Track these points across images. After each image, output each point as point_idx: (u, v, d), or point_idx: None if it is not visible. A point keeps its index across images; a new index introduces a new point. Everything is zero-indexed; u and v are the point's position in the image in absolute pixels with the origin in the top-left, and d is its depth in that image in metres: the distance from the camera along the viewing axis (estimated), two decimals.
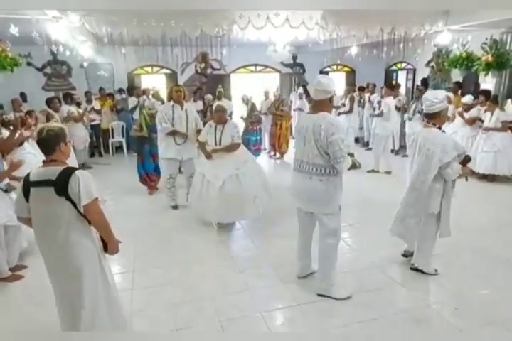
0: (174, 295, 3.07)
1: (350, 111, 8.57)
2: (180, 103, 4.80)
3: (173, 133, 4.74)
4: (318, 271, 3.12)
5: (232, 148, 4.25)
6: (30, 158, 4.45)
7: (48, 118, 6.13)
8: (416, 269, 3.34)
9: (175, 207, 5.07)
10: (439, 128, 3.12)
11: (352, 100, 8.50)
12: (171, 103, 4.77)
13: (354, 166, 2.92)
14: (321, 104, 2.84)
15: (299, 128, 2.95)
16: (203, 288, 3.17)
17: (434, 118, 3.11)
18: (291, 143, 7.42)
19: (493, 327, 2.64)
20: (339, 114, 8.53)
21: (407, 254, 3.56)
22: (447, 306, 2.88)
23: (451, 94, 7.14)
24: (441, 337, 2.54)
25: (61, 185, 2.10)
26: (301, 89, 9.31)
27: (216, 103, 4.64)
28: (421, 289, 3.17)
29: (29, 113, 5.43)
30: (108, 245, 2.30)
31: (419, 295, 3.08)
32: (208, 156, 4.30)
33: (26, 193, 2.17)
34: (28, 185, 2.17)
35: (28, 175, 2.21)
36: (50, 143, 2.21)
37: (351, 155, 2.91)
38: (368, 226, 4.39)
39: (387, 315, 2.79)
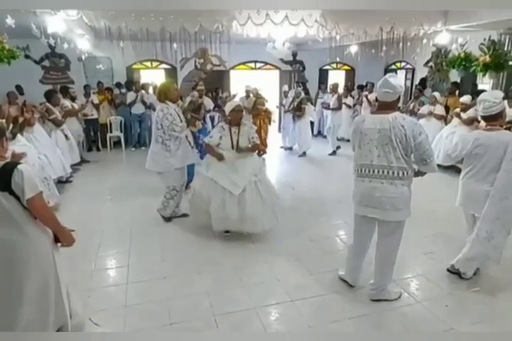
0: (168, 289, 3.09)
1: (339, 108, 8.42)
2: (178, 103, 4.39)
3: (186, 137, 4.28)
4: (374, 277, 2.96)
5: (255, 149, 4.00)
6: (25, 150, 4.46)
7: (48, 113, 6.08)
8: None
9: (169, 219, 4.50)
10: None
11: (339, 98, 8.41)
12: (171, 105, 4.15)
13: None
14: (391, 105, 2.69)
15: (365, 131, 2.70)
16: (197, 283, 3.19)
17: (497, 119, 2.98)
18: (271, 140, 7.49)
19: (484, 324, 2.67)
20: (325, 108, 8.53)
21: (453, 271, 3.28)
22: (438, 303, 2.91)
23: (437, 94, 7.19)
24: (432, 334, 2.58)
25: (3, 180, 2.03)
26: (286, 87, 9.16)
27: (233, 101, 4.10)
28: (413, 286, 3.20)
29: (24, 105, 5.38)
30: (60, 237, 2.26)
31: (411, 292, 3.11)
32: (221, 158, 3.86)
33: None
34: None
35: None
36: None
37: (338, 147, 2.93)
38: None
39: (379, 311, 2.82)
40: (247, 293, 3.05)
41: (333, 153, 8.25)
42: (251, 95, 8.29)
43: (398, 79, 2.69)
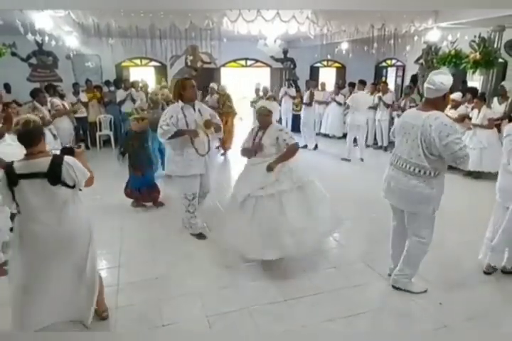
0: (160, 290, 3.04)
1: (310, 104, 8.49)
2: (193, 102, 3.74)
3: (179, 135, 3.65)
4: (400, 264, 3.00)
5: (291, 152, 3.37)
6: (11, 149, 4.36)
7: (34, 112, 5.96)
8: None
9: (202, 236, 4.00)
10: None
11: (311, 95, 8.44)
12: (180, 104, 3.67)
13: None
14: (433, 102, 2.66)
15: (403, 124, 2.79)
16: (189, 284, 3.15)
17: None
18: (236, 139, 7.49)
19: (477, 321, 2.68)
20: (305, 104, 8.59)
21: (491, 271, 3.27)
22: (432, 301, 2.91)
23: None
24: (425, 332, 2.58)
25: (54, 176, 2.20)
26: (258, 85, 9.06)
27: (259, 104, 3.64)
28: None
29: (7, 104, 5.26)
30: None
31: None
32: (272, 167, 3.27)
33: (11, 185, 2.21)
34: (14, 177, 2.19)
35: (10, 167, 2.22)
36: (36, 135, 2.25)
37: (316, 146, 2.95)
38: (355, 221, 4.40)
39: (373, 309, 2.81)
40: (240, 293, 3.02)
41: (315, 147, 8.50)
42: (215, 93, 8.15)
43: (446, 77, 2.63)
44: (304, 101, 8.53)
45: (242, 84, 12.31)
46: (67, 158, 2.26)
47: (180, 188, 3.89)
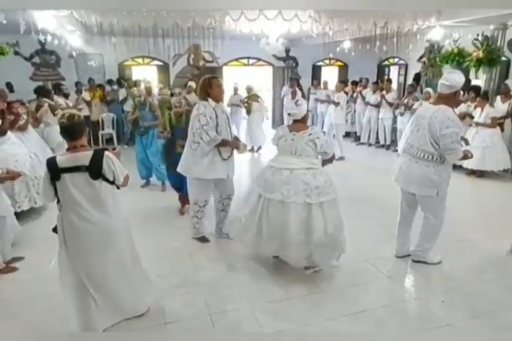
0: (163, 288, 3.05)
1: None
2: (222, 102, 3.60)
3: (221, 145, 3.48)
4: (418, 241, 3.35)
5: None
6: (16, 148, 4.39)
7: (52, 109, 5.94)
8: None
9: (204, 239, 3.90)
10: None
11: (294, 94, 8.29)
12: (211, 103, 3.43)
13: (466, 157, 3.13)
14: (445, 98, 3.00)
15: (416, 116, 3.20)
16: (192, 282, 3.16)
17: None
18: None
19: (480, 320, 2.68)
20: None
21: None
22: (434, 299, 2.91)
23: (430, 90, 7.19)
24: (428, 330, 2.58)
25: (95, 169, 2.25)
26: (237, 84, 8.88)
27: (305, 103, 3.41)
28: (408, 282, 3.20)
29: (10, 103, 5.27)
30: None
31: (407, 288, 3.12)
32: None
33: (54, 179, 2.27)
34: (57, 171, 2.25)
35: (53, 162, 2.26)
36: (80, 128, 2.32)
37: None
38: (358, 220, 4.40)
39: (375, 308, 2.81)
40: (243, 291, 3.03)
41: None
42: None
43: (459, 76, 2.97)
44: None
45: (245, 82, 12.29)
46: (107, 153, 2.30)
47: (194, 193, 3.71)
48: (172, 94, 7.52)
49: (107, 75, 9.50)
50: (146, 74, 9.42)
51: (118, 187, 2.44)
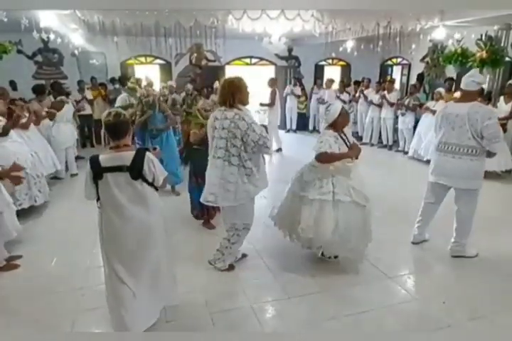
0: None
1: (271, 104, 7.93)
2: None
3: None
4: (454, 237, 3.51)
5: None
6: (17, 146, 4.40)
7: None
8: None
9: (233, 267, 3.37)
10: None
11: (273, 94, 7.88)
12: (245, 109, 2.96)
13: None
14: (472, 94, 3.25)
15: (446, 115, 3.34)
16: (193, 281, 3.16)
17: None
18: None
19: (481, 321, 2.67)
20: (261, 105, 8.10)
21: None
22: (435, 300, 2.90)
23: (442, 90, 7.17)
24: (429, 331, 2.57)
25: (136, 170, 2.24)
26: (216, 84, 8.55)
27: (337, 104, 3.30)
28: (410, 283, 3.19)
29: (12, 101, 5.28)
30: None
31: (408, 288, 3.11)
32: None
33: (96, 178, 2.25)
34: (100, 170, 2.23)
35: (96, 161, 2.24)
36: (125, 127, 2.30)
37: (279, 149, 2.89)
38: None
39: (376, 308, 2.80)
40: (244, 291, 3.03)
41: (279, 150, 8.07)
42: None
43: (481, 75, 3.43)
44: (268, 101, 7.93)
45: (247, 82, 12.28)
46: (149, 154, 2.29)
47: (242, 217, 3.12)
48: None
49: (109, 74, 9.50)
50: (148, 72, 9.43)
51: (157, 189, 2.41)
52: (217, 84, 8.11)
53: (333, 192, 3.02)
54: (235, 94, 2.87)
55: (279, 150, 8.11)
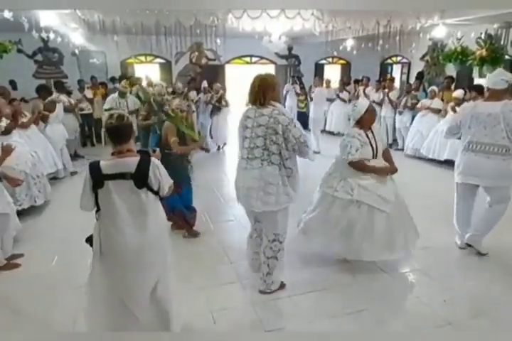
0: None
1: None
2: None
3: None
4: (479, 227, 3.51)
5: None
6: (17, 146, 4.39)
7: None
8: None
9: (283, 285, 3.06)
10: None
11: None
12: (277, 104, 2.78)
13: None
14: (501, 93, 3.23)
15: (476, 115, 3.29)
16: (194, 280, 3.17)
17: None
18: None
19: (482, 319, 2.68)
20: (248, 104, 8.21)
21: None
22: (436, 298, 2.91)
23: (435, 88, 7.18)
24: (430, 330, 2.58)
25: (141, 177, 2.05)
26: (205, 83, 8.56)
27: (363, 101, 3.25)
28: (410, 281, 3.20)
29: (12, 101, 5.27)
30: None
31: (408, 287, 3.12)
32: (393, 171, 3.19)
33: (96, 187, 2.06)
34: (101, 178, 2.04)
35: (96, 167, 2.06)
36: (128, 131, 2.13)
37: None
38: None
39: (377, 306, 2.81)
40: (245, 289, 3.04)
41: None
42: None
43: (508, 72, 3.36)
44: None
45: (247, 81, 12.29)
46: (154, 160, 2.12)
47: (276, 226, 2.83)
48: (174, 93, 7.50)
49: (109, 73, 9.51)
50: (148, 71, 9.43)
51: (161, 198, 2.21)
52: (205, 84, 8.25)
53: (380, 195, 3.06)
54: (266, 91, 2.71)
55: None
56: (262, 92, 2.70)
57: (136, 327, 2.19)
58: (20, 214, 4.24)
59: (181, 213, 3.82)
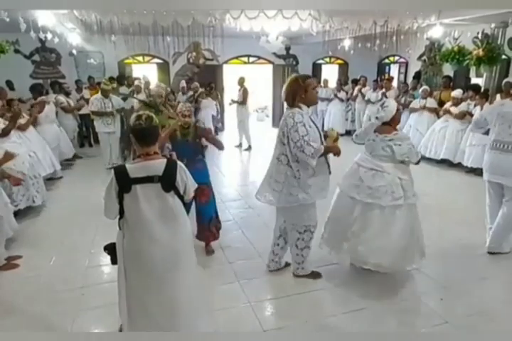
0: None
1: (244, 102, 8.13)
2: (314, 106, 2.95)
3: (325, 154, 2.80)
4: (496, 232, 3.52)
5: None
6: (15, 147, 4.40)
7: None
8: None
9: (318, 275, 3.22)
10: None
11: (245, 92, 8.06)
12: (306, 110, 2.79)
13: None
14: None
15: (503, 113, 3.29)
16: None
17: None
18: None
19: (478, 317, 2.69)
20: (231, 103, 8.28)
21: None
22: (433, 297, 2.93)
23: (427, 88, 7.22)
24: (427, 328, 2.59)
25: (169, 180, 2.01)
26: (183, 83, 8.66)
27: (392, 100, 3.20)
28: (408, 280, 3.21)
29: (10, 101, 5.26)
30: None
31: (406, 285, 3.13)
32: None
33: (123, 191, 1.98)
34: (128, 182, 1.97)
35: (122, 171, 1.98)
36: (157, 133, 2.07)
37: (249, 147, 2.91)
38: None
39: (374, 305, 2.82)
40: (243, 289, 3.04)
41: (249, 148, 8.24)
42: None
43: None
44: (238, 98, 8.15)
45: (246, 81, 12.28)
46: (180, 163, 2.08)
47: (303, 218, 2.95)
48: (172, 93, 7.48)
49: (107, 73, 9.49)
50: (146, 72, 9.42)
51: (185, 204, 2.16)
52: (183, 83, 8.28)
53: (404, 196, 2.92)
54: (296, 93, 2.73)
55: (249, 148, 8.25)
56: (292, 94, 2.74)
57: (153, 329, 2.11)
58: (17, 214, 4.24)
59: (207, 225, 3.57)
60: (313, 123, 2.79)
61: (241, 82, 8.12)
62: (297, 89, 2.72)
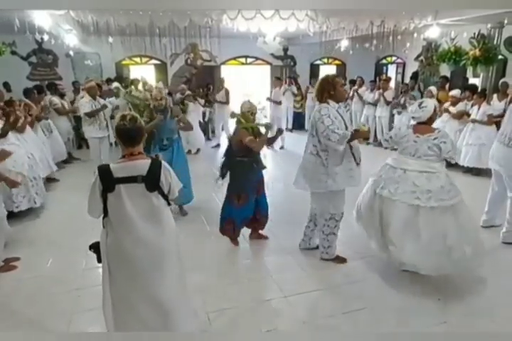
0: None
1: (227, 103, 8.16)
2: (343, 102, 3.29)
3: (353, 139, 3.04)
4: (507, 226, 3.73)
5: None
6: (14, 149, 4.38)
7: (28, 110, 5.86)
8: None
9: (342, 259, 3.45)
10: None
11: (227, 93, 8.12)
12: (333, 104, 3.08)
13: None
14: None
15: None
16: (190, 280, 3.15)
17: None
18: None
19: (476, 317, 2.69)
20: (216, 102, 8.38)
21: None
22: (431, 297, 2.92)
23: (433, 88, 7.21)
24: (425, 328, 2.59)
25: (153, 180, 2.02)
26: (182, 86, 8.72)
27: (429, 99, 3.32)
28: (406, 280, 3.21)
29: (9, 103, 5.22)
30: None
31: (404, 285, 3.12)
32: None
33: (107, 191, 2.00)
34: (111, 181, 1.99)
35: (106, 170, 2.00)
36: (141, 133, 2.10)
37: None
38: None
39: (372, 305, 2.82)
40: (240, 290, 3.03)
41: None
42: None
43: None
44: (220, 99, 8.25)
45: (243, 81, 12.32)
46: (164, 162, 2.09)
47: (329, 207, 3.21)
48: (170, 94, 7.48)
49: (104, 74, 9.48)
50: (143, 73, 9.41)
51: (169, 203, 2.17)
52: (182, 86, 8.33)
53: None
54: (325, 90, 3.07)
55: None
56: (321, 91, 3.09)
57: (141, 330, 2.11)
58: (17, 215, 4.23)
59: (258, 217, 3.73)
60: (340, 116, 3.06)
61: (221, 82, 8.34)
62: (326, 87, 3.07)
